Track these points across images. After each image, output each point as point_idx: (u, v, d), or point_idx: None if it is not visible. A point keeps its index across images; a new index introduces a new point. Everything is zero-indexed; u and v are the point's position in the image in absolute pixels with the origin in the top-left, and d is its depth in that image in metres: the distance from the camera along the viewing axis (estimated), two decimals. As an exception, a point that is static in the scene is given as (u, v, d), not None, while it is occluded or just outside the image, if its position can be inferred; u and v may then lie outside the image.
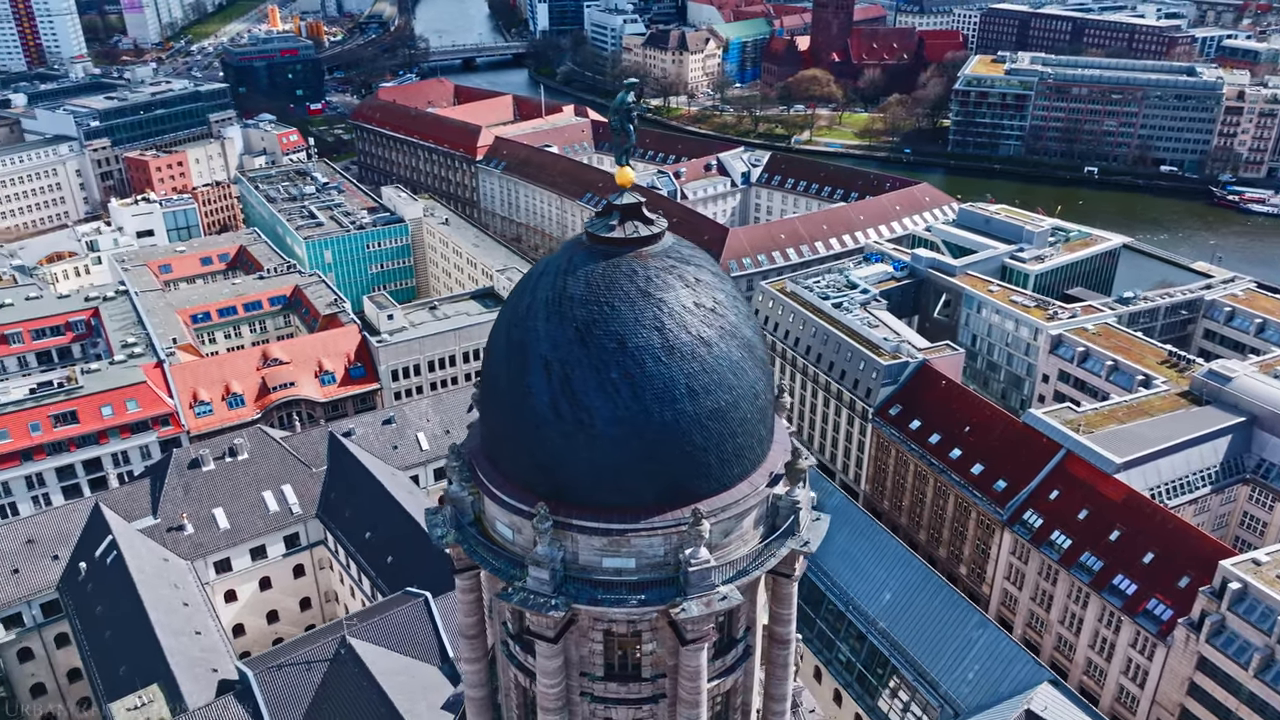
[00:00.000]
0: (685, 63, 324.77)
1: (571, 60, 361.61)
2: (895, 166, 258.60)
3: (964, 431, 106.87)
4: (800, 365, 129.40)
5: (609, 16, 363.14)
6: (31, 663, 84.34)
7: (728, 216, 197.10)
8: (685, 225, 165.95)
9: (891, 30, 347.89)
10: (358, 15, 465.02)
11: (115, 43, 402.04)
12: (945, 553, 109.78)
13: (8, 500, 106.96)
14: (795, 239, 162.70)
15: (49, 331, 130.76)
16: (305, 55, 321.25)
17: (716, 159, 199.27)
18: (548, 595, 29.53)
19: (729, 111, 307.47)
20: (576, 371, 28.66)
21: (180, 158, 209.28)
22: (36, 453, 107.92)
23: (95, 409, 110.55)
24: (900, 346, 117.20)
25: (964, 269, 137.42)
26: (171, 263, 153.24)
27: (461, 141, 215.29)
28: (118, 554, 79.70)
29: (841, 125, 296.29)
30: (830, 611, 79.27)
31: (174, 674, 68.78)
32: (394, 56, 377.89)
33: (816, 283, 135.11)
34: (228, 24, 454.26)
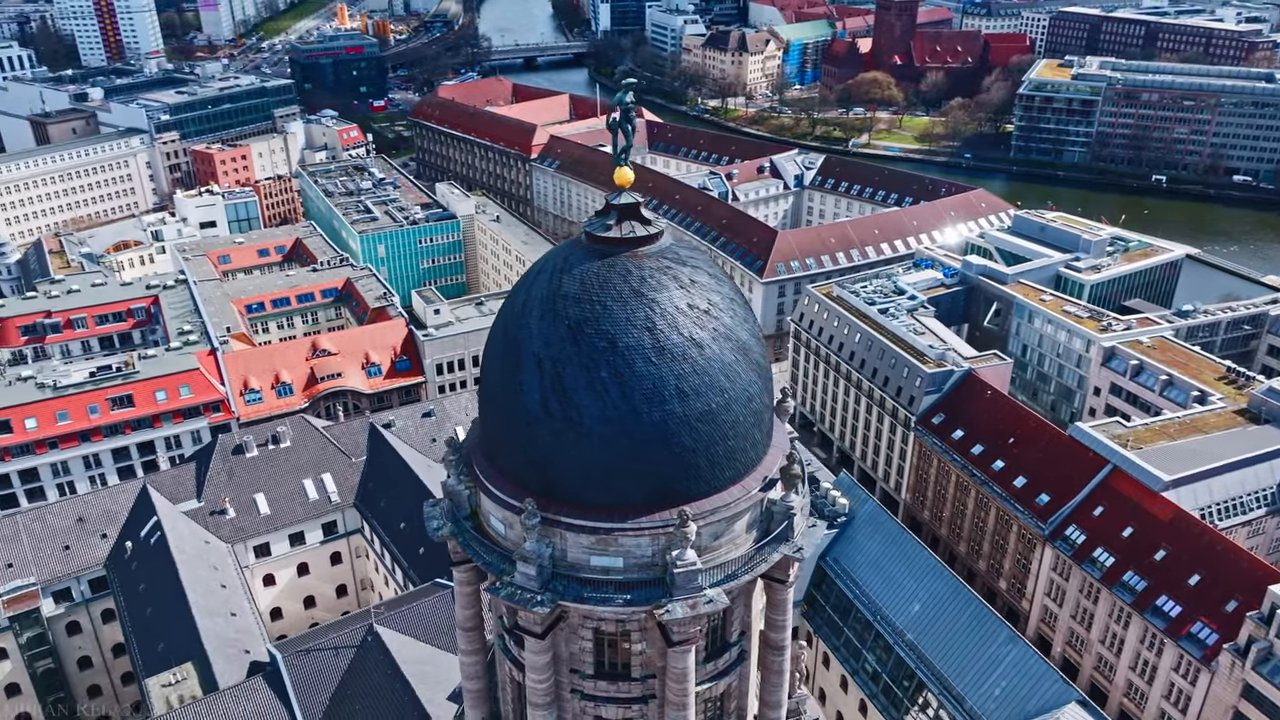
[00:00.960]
0: (744, 64, 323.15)
1: (631, 61, 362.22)
2: (955, 171, 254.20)
3: (1008, 443, 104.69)
4: (844, 371, 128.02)
5: (669, 17, 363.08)
6: (79, 636, 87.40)
7: (779, 219, 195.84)
8: (734, 227, 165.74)
9: (956, 33, 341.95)
10: (424, 14, 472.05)
11: (191, 39, 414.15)
12: (985, 566, 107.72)
13: (66, 479, 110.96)
14: (845, 243, 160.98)
15: (111, 318, 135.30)
16: (370, 53, 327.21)
17: (769, 161, 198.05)
18: (534, 591, 29.71)
19: (787, 114, 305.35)
20: (567, 370, 28.81)
21: (244, 151, 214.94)
22: (94, 434, 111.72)
23: (150, 393, 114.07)
24: (946, 354, 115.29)
25: (1016, 277, 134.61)
26: (230, 253, 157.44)
27: (517, 140, 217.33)
28: (161, 535, 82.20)
29: (901, 129, 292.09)
30: (858, 621, 78.31)
31: (207, 653, 70.74)
32: (456, 55, 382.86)
33: (863, 287, 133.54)
34: (299, 21, 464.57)
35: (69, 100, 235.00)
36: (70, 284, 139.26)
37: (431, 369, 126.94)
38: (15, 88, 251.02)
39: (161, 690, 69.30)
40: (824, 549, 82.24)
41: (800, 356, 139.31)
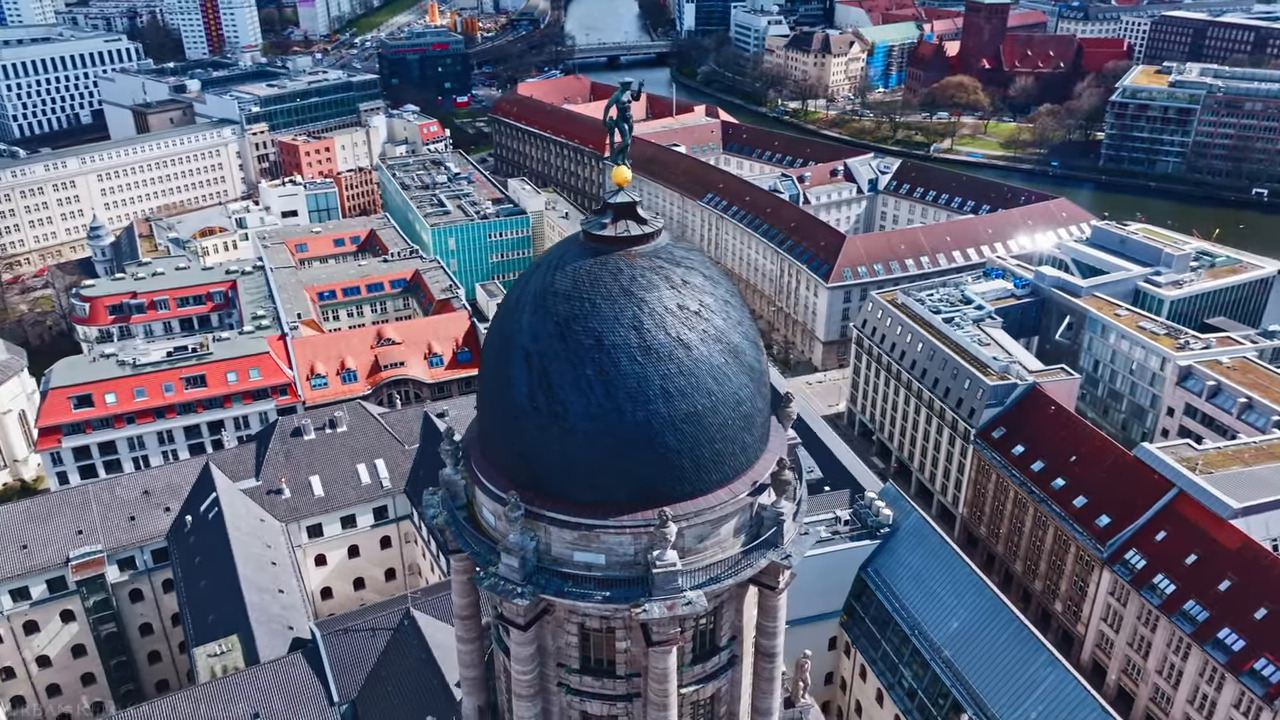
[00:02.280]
0: (827, 65, 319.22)
1: (714, 61, 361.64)
2: (1040, 180, 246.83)
3: (1069, 461, 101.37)
4: (904, 380, 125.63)
5: (754, 17, 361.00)
6: (141, 603, 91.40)
7: (851, 224, 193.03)
8: (802, 230, 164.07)
9: (1049, 37, 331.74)
10: (512, 12, 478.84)
11: (288, 34, 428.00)
12: (1041, 586, 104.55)
13: (141, 453, 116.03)
14: (916, 249, 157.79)
15: (192, 300, 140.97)
16: (455, 50, 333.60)
17: (844, 164, 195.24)
18: (516, 583, 30.08)
19: (868, 117, 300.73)
20: (554, 365, 29.09)
21: (328, 143, 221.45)
22: (168, 411, 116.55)
23: (222, 375, 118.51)
24: (1010, 367, 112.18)
25: (1091, 290, 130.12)
26: (307, 242, 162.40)
27: (591, 138, 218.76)
28: (219, 511, 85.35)
29: (986, 135, 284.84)
30: (896, 634, 76.83)
31: (252, 627, 73.19)
32: (541, 53, 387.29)
33: (929, 296, 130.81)
34: (393, 17, 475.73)
35: (168, 91, 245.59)
36: (156, 267, 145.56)
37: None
38: (121, 79, 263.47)
39: (207, 660, 72.04)
40: (866, 559, 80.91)
41: (862, 364, 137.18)
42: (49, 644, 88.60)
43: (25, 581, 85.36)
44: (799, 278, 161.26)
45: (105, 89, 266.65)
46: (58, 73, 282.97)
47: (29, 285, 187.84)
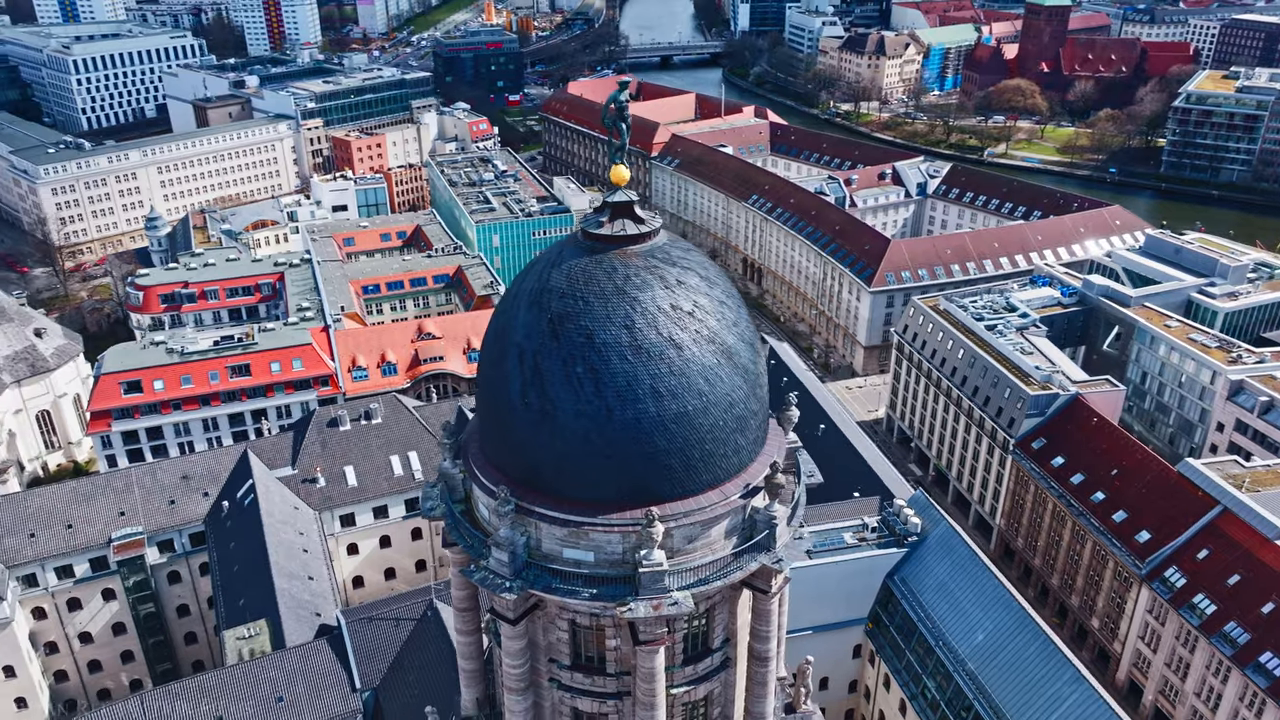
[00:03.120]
0: (881, 68, 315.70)
1: (766, 62, 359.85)
2: (1098, 187, 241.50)
3: (1110, 474, 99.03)
4: (944, 387, 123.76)
5: (808, 19, 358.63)
6: (179, 585, 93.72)
7: (898, 228, 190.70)
8: (846, 233, 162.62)
9: (1111, 41, 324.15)
10: (568, 11, 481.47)
11: (347, 32, 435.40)
12: (1078, 602, 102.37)
13: (186, 439, 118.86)
14: (962, 255, 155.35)
15: (241, 291, 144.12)
16: (508, 48, 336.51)
17: (892, 168, 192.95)
18: (506, 577, 30.31)
19: (921, 120, 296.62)
20: (545, 362, 29.25)
21: (380, 140, 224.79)
22: (213, 399, 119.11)
23: (266, 364, 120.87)
24: (1052, 377, 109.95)
25: (1141, 300, 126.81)
26: (355, 236, 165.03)
27: (638, 137, 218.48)
28: (254, 497, 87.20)
29: (1043, 140, 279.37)
30: (921, 645, 75.71)
31: (280, 612, 74.66)
32: (594, 52, 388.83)
33: (973, 302, 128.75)
34: (451, 15, 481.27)
35: (228, 87, 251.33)
36: (207, 258, 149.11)
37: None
38: (184, 74, 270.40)
39: (236, 643, 73.66)
40: (892, 567, 79.88)
41: (902, 370, 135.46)
42: (90, 621, 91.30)
43: (69, 560, 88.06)
44: (841, 281, 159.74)
45: (169, 84, 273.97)
46: (125, 68, 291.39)
47: (90, 273, 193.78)
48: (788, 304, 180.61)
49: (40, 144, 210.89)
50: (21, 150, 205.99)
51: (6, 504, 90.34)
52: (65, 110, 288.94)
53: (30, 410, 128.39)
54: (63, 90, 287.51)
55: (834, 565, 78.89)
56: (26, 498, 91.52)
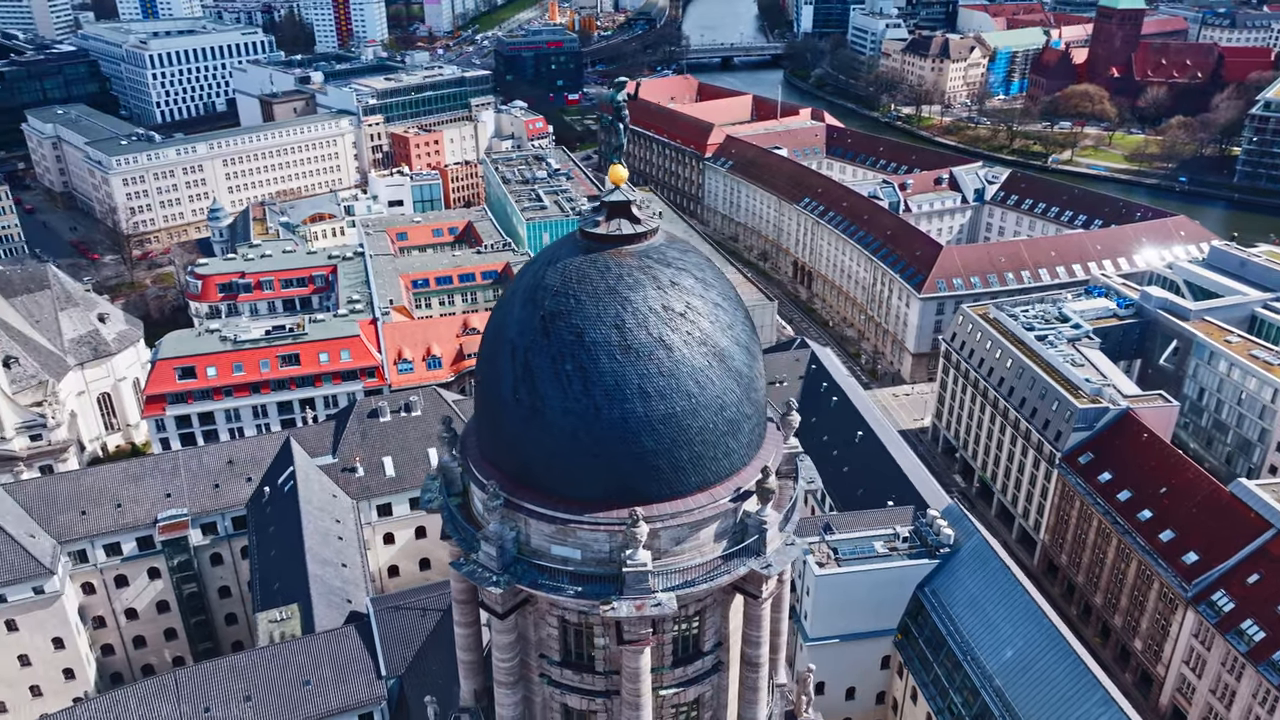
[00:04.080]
0: (945, 71, 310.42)
1: (828, 64, 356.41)
2: (1166, 196, 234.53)
3: (1159, 492, 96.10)
4: (991, 397, 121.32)
5: (872, 20, 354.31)
6: (221, 567, 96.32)
7: (953, 234, 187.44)
8: (898, 238, 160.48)
9: (1186, 45, 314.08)
10: (631, 11, 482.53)
11: (413, 30, 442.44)
12: (1121, 622, 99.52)
13: (236, 425, 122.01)
14: (1016, 263, 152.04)
15: (295, 282, 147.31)
16: (569, 48, 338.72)
17: (949, 173, 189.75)
18: (493, 571, 30.58)
19: (985, 125, 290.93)
20: (536, 359, 29.45)
21: (437, 136, 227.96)
22: (263, 387, 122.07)
23: (315, 355, 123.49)
24: (1102, 390, 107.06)
25: (1201, 314, 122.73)
26: (408, 231, 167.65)
27: (693, 138, 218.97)
28: (294, 484, 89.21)
29: (1110, 147, 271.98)
30: (949, 659, 74.36)
31: (311, 597, 76.27)
32: (655, 52, 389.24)
33: (1024, 311, 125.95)
34: (517, 14, 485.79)
35: (294, 82, 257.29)
36: (264, 249, 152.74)
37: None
38: (252, 70, 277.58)
39: (268, 625, 75.43)
40: (923, 579, 78.60)
41: (949, 379, 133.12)
42: (136, 598, 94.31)
43: (118, 538, 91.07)
44: (892, 287, 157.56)
45: (238, 79, 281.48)
46: (198, 63, 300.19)
47: (155, 261, 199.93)
48: (837, 308, 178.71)
49: (114, 136, 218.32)
50: (96, 142, 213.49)
51: (61, 481, 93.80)
52: (141, 104, 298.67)
53: (92, 392, 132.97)
54: (139, 84, 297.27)
55: (863, 574, 77.92)
56: (80, 476, 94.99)
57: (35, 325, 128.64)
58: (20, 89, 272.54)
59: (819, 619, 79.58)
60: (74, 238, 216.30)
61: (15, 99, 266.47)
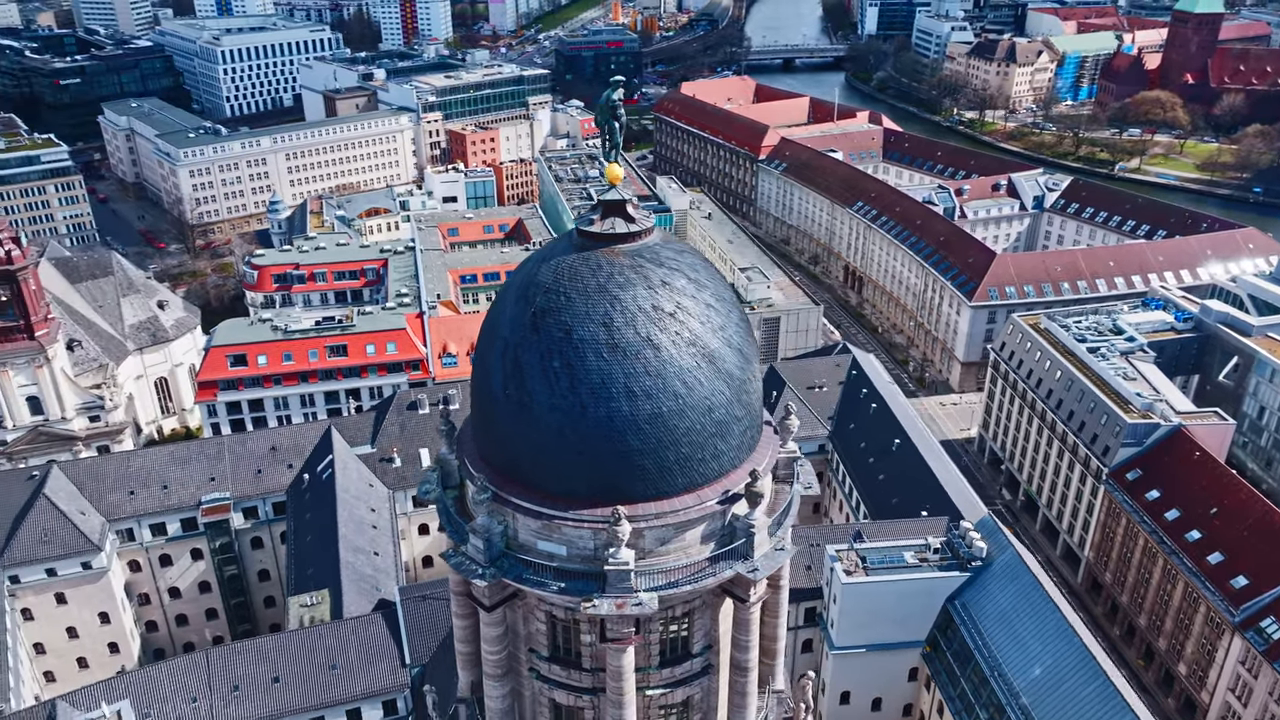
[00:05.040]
0: (1010, 75, 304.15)
1: (891, 66, 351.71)
2: (1239, 207, 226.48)
3: (1209, 513, 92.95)
4: (1039, 409, 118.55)
5: (937, 23, 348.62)
6: (261, 551, 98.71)
7: (1010, 242, 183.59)
8: (950, 245, 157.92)
9: (1268, 51, 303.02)
10: (694, 11, 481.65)
11: (477, 29, 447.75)
12: (1166, 645, 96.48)
13: (284, 413, 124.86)
14: (1072, 273, 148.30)
15: (347, 275, 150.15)
16: (629, 48, 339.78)
17: (1008, 179, 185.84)
18: (480, 564, 30.85)
19: (1050, 130, 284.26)
20: (525, 355, 29.62)
21: (493, 134, 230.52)
22: (311, 376, 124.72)
23: (362, 346, 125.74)
24: (1154, 405, 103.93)
25: (1265, 330, 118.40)
26: (459, 227, 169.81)
27: (747, 140, 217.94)
28: (332, 472, 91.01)
29: (1181, 155, 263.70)
30: (976, 674, 72.83)
31: (342, 584, 77.73)
32: (716, 53, 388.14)
33: (1077, 322, 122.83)
34: (582, 13, 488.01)
35: (357, 79, 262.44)
36: (319, 241, 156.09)
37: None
38: (318, 66, 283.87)
39: (299, 609, 77.09)
40: (954, 591, 77.12)
41: (996, 389, 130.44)
42: (179, 577, 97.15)
43: (163, 518, 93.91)
44: (942, 294, 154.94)
45: (304, 75, 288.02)
46: (267, 59, 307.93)
47: (218, 251, 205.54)
48: (887, 314, 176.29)
49: (182, 129, 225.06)
50: (166, 134, 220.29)
51: (113, 462, 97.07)
52: (212, 98, 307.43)
53: (149, 377, 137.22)
54: (210, 79, 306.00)
55: (891, 584, 76.73)
56: (130, 458, 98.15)
57: (98, 310, 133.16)
58: (99, 83, 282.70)
59: (846, 627, 78.59)
60: (142, 226, 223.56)
61: (94, 92, 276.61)
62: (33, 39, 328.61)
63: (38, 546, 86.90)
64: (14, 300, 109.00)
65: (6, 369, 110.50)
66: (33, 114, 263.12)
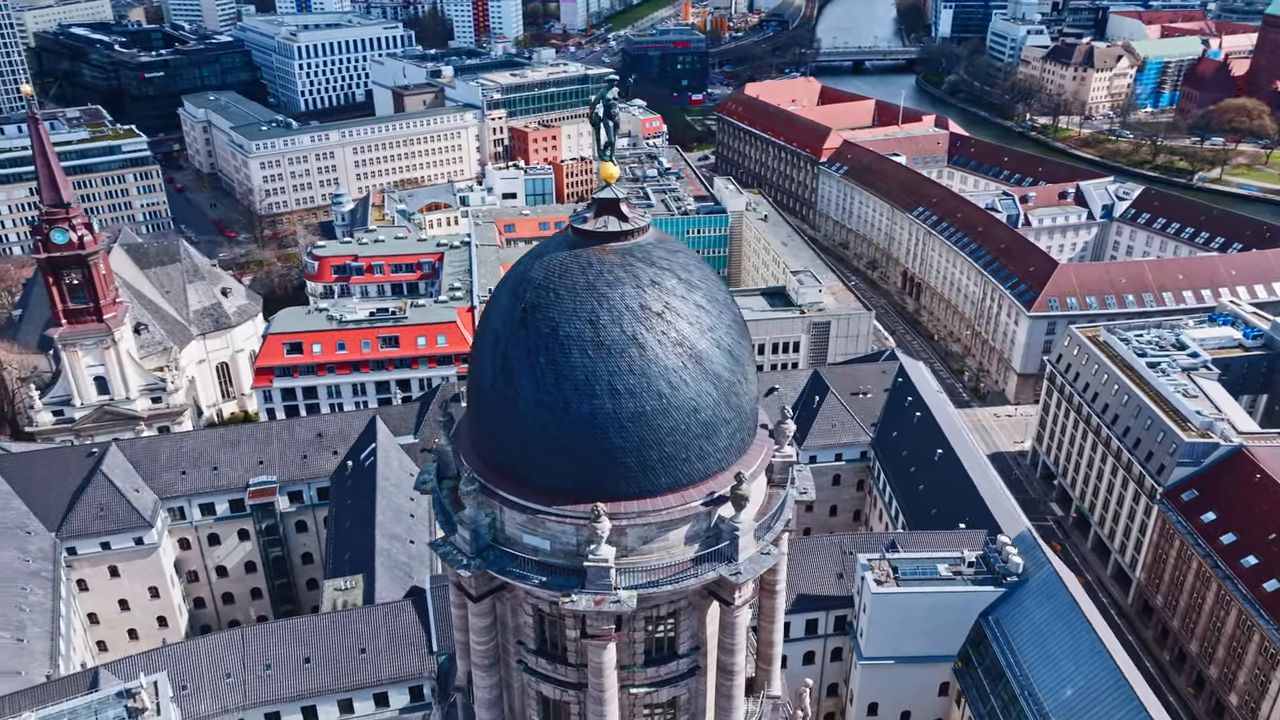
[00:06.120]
0: (1087, 80, 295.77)
1: (963, 70, 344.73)
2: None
3: (1267, 538, 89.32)
4: (1094, 424, 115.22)
5: (1012, 26, 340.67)
6: (305, 534, 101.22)
7: (1077, 251, 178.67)
8: (1011, 253, 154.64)
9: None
10: (765, 12, 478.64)
11: (548, 28, 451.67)
12: (1217, 674, 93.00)
13: (336, 400, 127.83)
14: (1138, 285, 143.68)
15: (404, 268, 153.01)
16: (696, 48, 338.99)
17: (1076, 187, 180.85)
18: (466, 555, 31.25)
19: (1126, 138, 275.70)
20: (514, 350, 29.91)
21: (555, 132, 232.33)
22: (363, 366, 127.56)
23: (413, 338, 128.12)
24: (1214, 424, 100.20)
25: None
26: (515, 223, 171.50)
27: (809, 142, 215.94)
28: (374, 460, 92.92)
29: (1267, 165, 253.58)
30: (1006, 691, 71.08)
31: (375, 570, 79.30)
32: (784, 54, 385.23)
33: (1138, 336, 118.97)
34: (653, 12, 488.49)
35: (425, 76, 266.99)
36: (379, 234, 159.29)
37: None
38: (389, 62, 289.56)
39: (333, 593, 78.88)
40: (987, 606, 75.42)
41: (1051, 401, 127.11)
42: (227, 556, 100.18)
43: (212, 498, 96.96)
44: (1001, 303, 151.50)
45: (375, 71, 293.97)
46: (341, 55, 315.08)
47: (284, 241, 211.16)
48: (944, 322, 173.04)
49: (255, 121, 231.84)
50: (240, 126, 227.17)
51: (167, 442, 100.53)
52: (288, 92, 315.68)
53: (211, 361, 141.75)
54: (287, 74, 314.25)
55: (922, 595, 75.42)
56: (182, 439, 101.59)
57: (165, 295, 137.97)
58: (181, 76, 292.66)
59: (875, 638, 77.50)
60: (215, 216, 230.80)
61: (176, 85, 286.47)
62: (122, 34, 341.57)
63: (94, 521, 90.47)
64: (85, 284, 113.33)
65: (76, 349, 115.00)
66: (119, 106, 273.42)
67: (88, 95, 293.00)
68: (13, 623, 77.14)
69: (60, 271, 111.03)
